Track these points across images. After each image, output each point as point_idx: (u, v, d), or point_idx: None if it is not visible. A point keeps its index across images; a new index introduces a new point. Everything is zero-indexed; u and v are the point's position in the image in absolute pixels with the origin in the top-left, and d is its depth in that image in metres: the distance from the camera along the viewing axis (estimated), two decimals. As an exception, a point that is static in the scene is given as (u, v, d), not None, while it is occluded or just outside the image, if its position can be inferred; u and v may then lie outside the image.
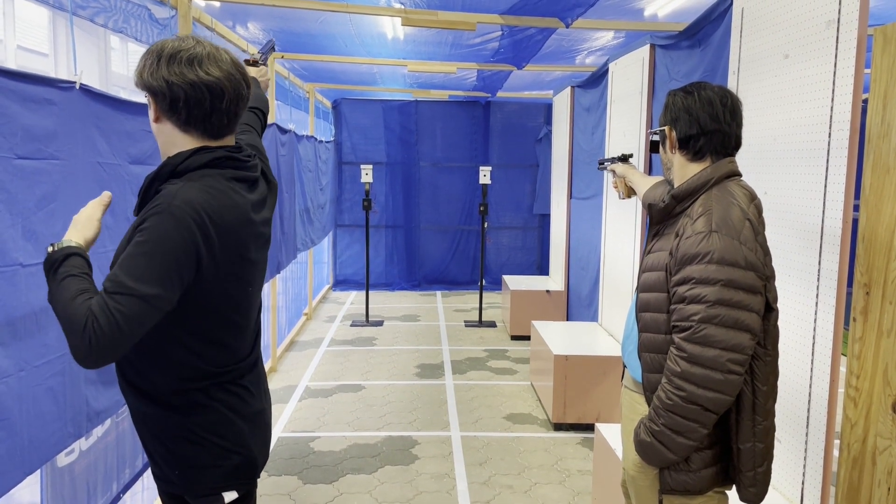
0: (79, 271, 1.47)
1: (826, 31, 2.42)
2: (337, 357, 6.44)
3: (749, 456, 1.79)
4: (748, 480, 1.81)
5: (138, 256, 1.43)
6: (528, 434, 4.63)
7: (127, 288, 1.39)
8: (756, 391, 1.77)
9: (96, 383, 2.41)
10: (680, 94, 1.93)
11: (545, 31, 5.00)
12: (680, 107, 1.90)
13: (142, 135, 2.76)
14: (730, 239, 1.70)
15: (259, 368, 1.81)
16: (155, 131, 1.65)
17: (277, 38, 5.44)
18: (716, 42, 3.46)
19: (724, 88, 1.91)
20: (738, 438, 1.79)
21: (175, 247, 1.46)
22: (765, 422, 1.79)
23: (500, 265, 10.05)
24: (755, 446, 1.78)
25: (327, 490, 3.76)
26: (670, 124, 1.94)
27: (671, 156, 1.96)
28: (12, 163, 1.93)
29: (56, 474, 2.48)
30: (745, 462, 1.80)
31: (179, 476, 1.65)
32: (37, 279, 2.04)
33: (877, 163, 2.10)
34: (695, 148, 1.89)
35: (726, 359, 1.66)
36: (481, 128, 9.96)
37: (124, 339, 1.38)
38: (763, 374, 1.77)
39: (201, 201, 1.51)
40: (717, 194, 1.81)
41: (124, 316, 1.37)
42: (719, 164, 1.87)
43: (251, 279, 1.71)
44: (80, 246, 1.54)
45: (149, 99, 1.61)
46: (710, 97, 1.87)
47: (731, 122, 1.87)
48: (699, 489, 1.82)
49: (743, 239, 1.71)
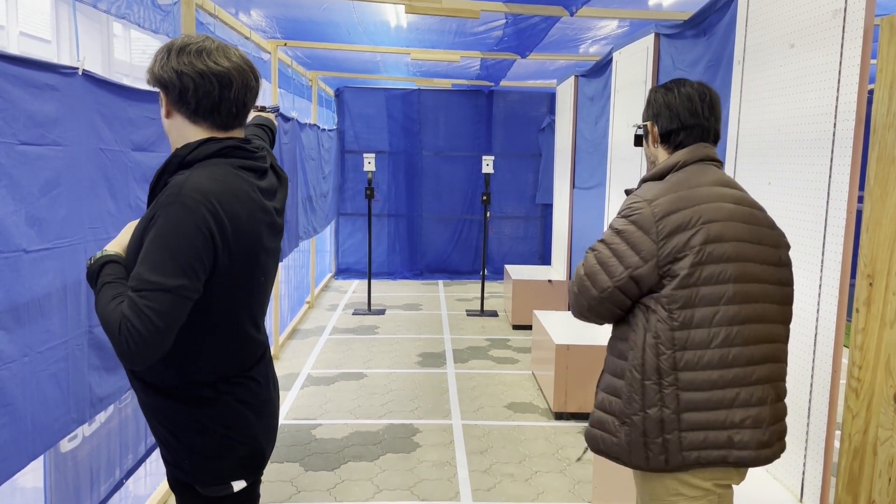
0: (113, 278, 1.51)
1: (832, 20, 2.41)
2: (339, 345, 6.45)
3: (656, 422, 1.79)
4: (657, 448, 1.80)
5: (157, 251, 1.45)
6: (529, 423, 4.64)
7: (152, 284, 1.41)
8: (660, 354, 1.78)
9: (100, 369, 2.42)
10: (661, 90, 2.01)
11: (549, 20, 4.97)
12: (661, 103, 1.98)
13: (144, 121, 2.76)
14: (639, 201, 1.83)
15: (267, 358, 1.82)
16: (166, 127, 1.67)
17: (280, 25, 5.42)
18: (721, 31, 3.44)
19: (704, 84, 1.99)
20: (644, 403, 1.80)
21: (190, 235, 1.46)
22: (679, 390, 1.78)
23: (502, 254, 10.05)
24: (662, 412, 1.78)
25: (329, 477, 3.78)
26: (652, 119, 2.01)
27: (654, 150, 2.03)
28: (15, 148, 1.92)
29: (59, 460, 2.50)
30: (652, 429, 1.79)
31: (189, 465, 1.66)
32: (40, 265, 2.04)
33: (882, 153, 2.09)
34: (675, 142, 1.96)
35: (581, 283, 1.91)
36: (484, 117, 9.93)
37: (161, 334, 1.41)
38: (667, 338, 1.78)
39: (210, 188, 1.52)
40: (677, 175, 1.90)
41: (156, 312, 1.40)
42: (693, 148, 1.94)
43: (265, 267, 1.71)
44: (116, 254, 1.58)
45: (160, 96, 1.63)
46: (689, 93, 1.95)
47: (709, 116, 1.95)
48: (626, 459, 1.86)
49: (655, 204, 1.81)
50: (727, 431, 1.79)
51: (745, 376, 1.80)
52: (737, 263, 1.80)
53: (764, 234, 1.88)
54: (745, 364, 1.80)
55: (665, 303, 1.79)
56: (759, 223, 1.88)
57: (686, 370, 1.78)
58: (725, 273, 1.79)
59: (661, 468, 1.82)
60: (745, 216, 1.85)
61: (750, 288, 1.82)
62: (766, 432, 1.81)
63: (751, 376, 1.81)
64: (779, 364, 1.88)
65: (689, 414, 1.79)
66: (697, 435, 1.79)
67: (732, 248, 1.80)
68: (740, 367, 1.80)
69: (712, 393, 1.79)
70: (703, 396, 1.78)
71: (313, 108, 8.01)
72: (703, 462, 1.80)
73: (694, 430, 1.78)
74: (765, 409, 1.82)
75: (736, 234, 1.81)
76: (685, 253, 1.77)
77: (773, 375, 1.85)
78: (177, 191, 1.49)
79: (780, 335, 1.88)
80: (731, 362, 1.79)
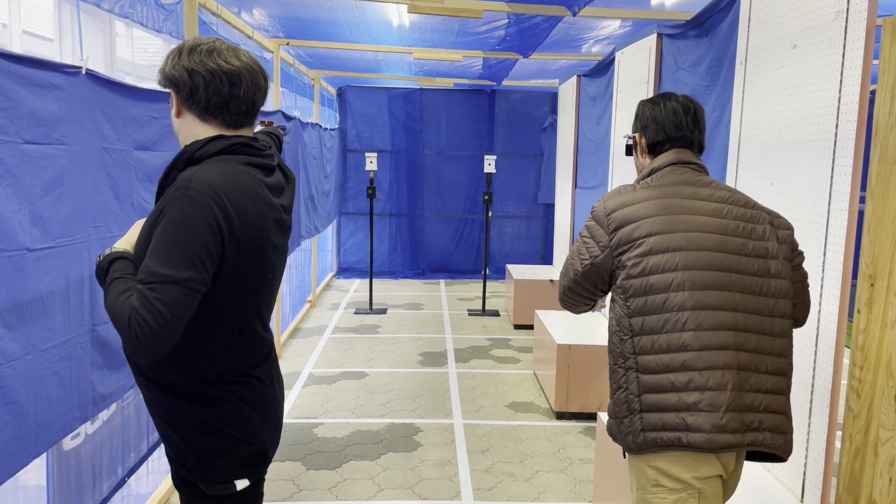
0: (122, 273, 1.52)
1: (835, 21, 2.41)
2: (340, 344, 6.46)
3: (623, 403, 1.91)
4: (626, 427, 1.91)
5: (165, 244, 1.46)
6: (531, 423, 4.65)
7: (160, 276, 1.42)
8: (622, 341, 1.92)
9: (102, 368, 2.43)
10: (648, 104, 2.12)
11: (552, 20, 4.97)
12: (648, 116, 2.09)
13: (147, 121, 2.76)
14: (601, 201, 2.01)
15: (272, 357, 1.82)
16: (176, 127, 1.69)
17: (283, 24, 5.42)
18: (723, 31, 3.44)
19: (688, 98, 2.10)
20: (617, 385, 1.95)
21: (198, 227, 1.48)
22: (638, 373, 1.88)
23: (503, 254, 10.05)
24: (627, 394, 1.90)
25: (330, 476, 3.79)
26: (640, 132, 2.12)
27: (642, 160, 2.13)
28: (19, 147, 1.93)
29: (62, 457, 2.51)
30: (621, 410, 1.92)
31: (193, 463, 1.67)
32: (43, 264, 2.05)
33: (884, 154, 2.09)
34: (661, 152, 2.07)
35: (563, 270, 2.09)
36: (486, 116, 9.93)
37: (170, 326, 1.42)
38: (625, 325, 1.91)
39: (217, 182, 1.53)
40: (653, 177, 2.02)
41: (165, 304, 1.41)
42: (666, 154, 2.05)
43: (273, 264, 1.72)
44: (125, 251, 1.60)
45: (171, 95, 1.65)
46: (674, 107, 2.06)
47: (693, 128, 2.06)
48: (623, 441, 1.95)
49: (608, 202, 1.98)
50: (681, 413, 1.83)
51: (697, 360, 1.82)
52: (687, 252, 1.87)
53: (730, 225, 1.91)
54: (700, 349, 1.82)
55: (620, 292, 1.93)
56: (727, 216, 1.92)
57: (642, 354, 1.89)
58: (673, 261, 1.87)
59: (630, 448, 1.93)
60: (708, 210, 1.92)
61: (705, 276, 1.85)
62: (723, 416, 1.79)
63: (707, 360, 1.82)
64: (749, 353, 1.85)
65: (648, 395, 1.88)
66: (654, 416, 1.86)
67: (681, 238, 1.89)
68: (693, 351, 1.82)
69: (665, 376, 1.85)
70: (657, 379, 1.86)
71: (315, 108, 8.02)
72: (661, 443, 1.84)
73: (651, 411, 1.87)
74: (722, 394, 1.80)
75: (687, 226, 1.89)
76: (629, 245, 1.91)
77: (738, 363, 1.83)
78: (185, 185, 1.50)
79: (753, 325, 1.86)
80: (681, 346, 1.84)
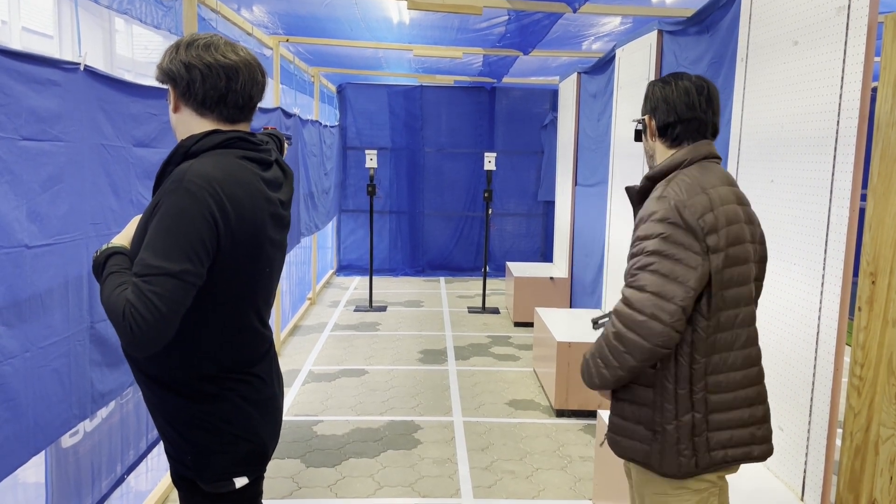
0: (118, 268, 1.52)
1: (836, 17, 2.40)
2: (340, 342, 6.46)
3: (688, 428, 1.80)
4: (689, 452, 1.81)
5: (160, 236, 1.46)
6: (531, 420, 4.64)
7: (155, 268, 1.42)
8: (694, 363, 1.79)
9: (101, 365, 2.42)
10: (659, 84, 1.99)
11: (552, 16, 4.95)
12: (658, 96, 1.96)
13: (146, 117, 2.76)
14: (674, 203, 1.77)
15: (272, 354, 1.82)
16: (174, 123, 1.68)
17: (282, 21, 5.41)
18: (724, 28, 3.44)
19: (702, 78, 1.96)
20: (678, 411, 1.81)
21: (194, 220, 1.47)
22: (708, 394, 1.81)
23: (503, 252, 10.04)
24: (694, 417, 1.80)
25: (330, 473, 3.79)
26: (650, 113, 2.00)
27: (652, 143, 2.02)
28: (17, 144, 1.92)
29: (61, 455, 2.50)
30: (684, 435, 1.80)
31: (192, 461, 1.67)
32: (42, 261, 2.04)
33: (885, 151, 2.08)
34: (672, 135, 1.94)
35: (653, 303, 1.72)
36: (486, 113, 9.91)
37: (165, 320, 1.41)
38: (702, 347, 1.78)
39: (213, 175, 1.53)
40: (685, 173, 1.86)
41: (160, 297, 1.40)
42: (696, 146, 1.92)
43: (270, 259, 1.71)
44: (121, 246, 1.60)
45: (169, 91, 1.65)
46: (686, 87, 1.93)
47: (706, 109, 1.92)
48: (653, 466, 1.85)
49: (689, 204, 1.76)
50: (749, 428, 1.85)
51: (757, 375, 1.88)
52: (749, 265, 1.84)
53: (757, 232, 1.92)
54: (755, 363, 1.88)
55: (703, 309, 1.77)
56: (753, 222, 1.91)
57: (713, 374, 1.81)
58: (744, 275, 1.82)
59: (691, 472, 1.82)
60: (748, 216, 1.89)
61: (750, 289, 1.87)
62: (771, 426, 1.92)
63: (760, 374, 1.89)
64: None
65: (717, 415, 1.82)
66: (723, 434, 1.82)
67: (746, 250, 1.82)
68: (754, 366, 1.87)
69: (737, 393, 1.83)
70: (729, 397, 1.82)
71: (315, 105, 8.00)
72: (729, 460, 1.84)
73: (720, 429, 1.82)
74: (765, 405, 1.91)
75: (746, 236, 1.84)
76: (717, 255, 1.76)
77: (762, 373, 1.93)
78: (180, 177, 1.50)
79: None
80: (750, 362, 1.86)
